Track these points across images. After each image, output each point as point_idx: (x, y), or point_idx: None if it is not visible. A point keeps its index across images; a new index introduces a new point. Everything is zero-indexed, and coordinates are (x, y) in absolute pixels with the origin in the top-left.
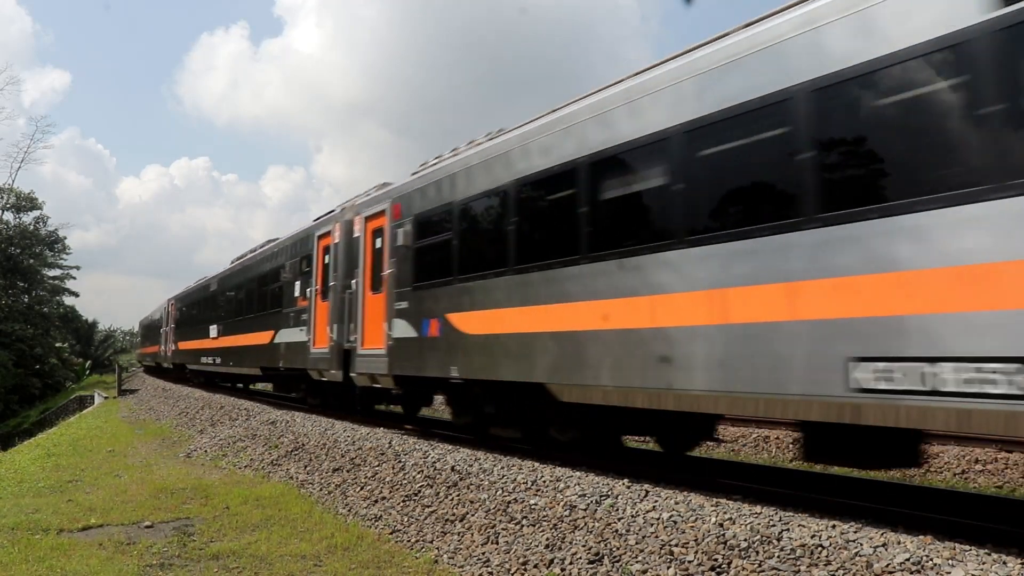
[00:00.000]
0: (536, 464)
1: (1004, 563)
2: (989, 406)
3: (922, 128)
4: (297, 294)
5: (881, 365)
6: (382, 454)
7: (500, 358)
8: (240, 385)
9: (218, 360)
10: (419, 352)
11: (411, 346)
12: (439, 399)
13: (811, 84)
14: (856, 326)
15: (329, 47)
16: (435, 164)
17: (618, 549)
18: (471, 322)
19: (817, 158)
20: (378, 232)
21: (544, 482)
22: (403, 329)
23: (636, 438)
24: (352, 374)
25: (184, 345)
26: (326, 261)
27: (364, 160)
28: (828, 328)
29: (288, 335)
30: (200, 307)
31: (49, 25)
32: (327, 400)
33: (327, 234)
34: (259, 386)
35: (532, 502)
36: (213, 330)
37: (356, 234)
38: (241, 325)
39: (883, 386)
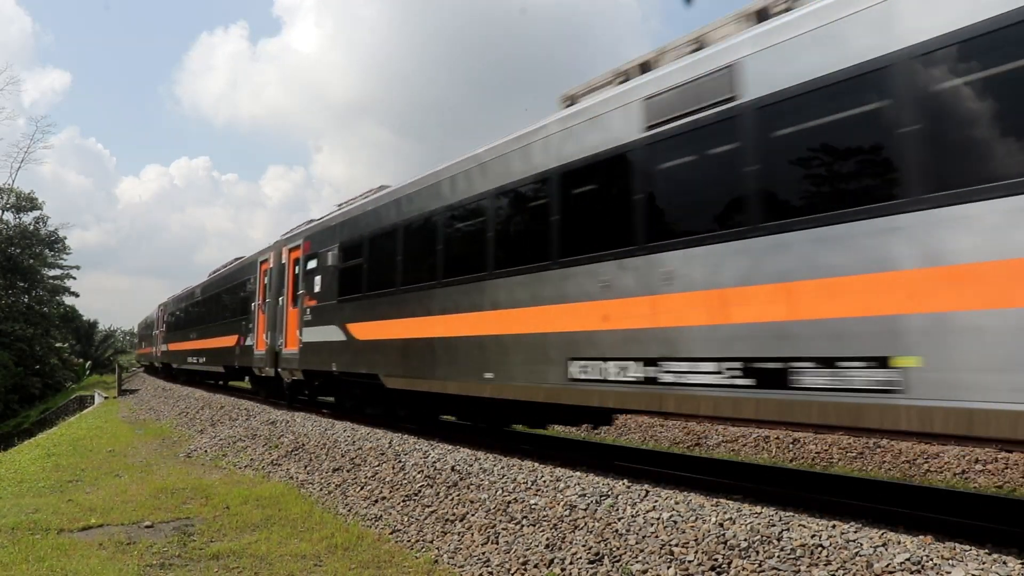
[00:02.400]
0: (536, 464)
1: (1004, 563)
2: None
3: None
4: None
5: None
6: (382, 454)
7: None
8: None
9: (202, 360)
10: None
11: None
12: None
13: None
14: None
15: (328, 47)
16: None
17: (618, 549)
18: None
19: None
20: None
21: (544, 482)
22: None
23: None
24: (279, 369)
25: (173, 347)
26: (265, 281)
27: (364, 159)
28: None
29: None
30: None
31: (49, 25)
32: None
33: (264, 261)
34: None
35: (532, 502)
36: (193, 335)
37: (283, 261)
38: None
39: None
